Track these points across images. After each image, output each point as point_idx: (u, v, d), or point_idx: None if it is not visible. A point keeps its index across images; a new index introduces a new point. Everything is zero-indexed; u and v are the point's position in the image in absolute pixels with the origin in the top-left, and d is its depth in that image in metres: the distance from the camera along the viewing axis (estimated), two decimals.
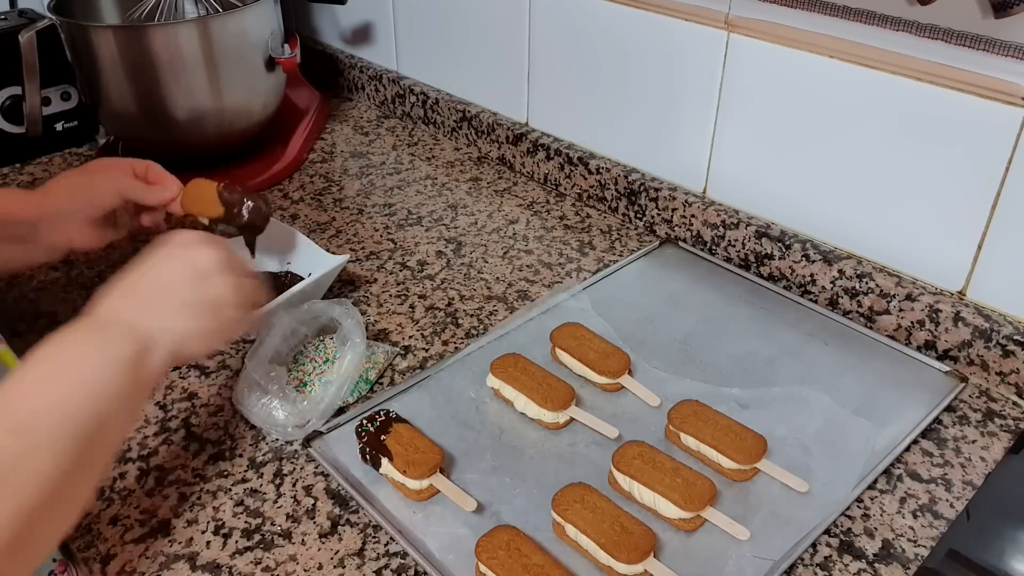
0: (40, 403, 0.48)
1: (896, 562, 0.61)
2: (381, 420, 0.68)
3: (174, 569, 0.61)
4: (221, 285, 0.60)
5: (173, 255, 0.60)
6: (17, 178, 1.15)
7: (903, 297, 0.80)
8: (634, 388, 0.75)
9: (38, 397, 0.48)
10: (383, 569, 0.61)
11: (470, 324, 0.86)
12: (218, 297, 0.59)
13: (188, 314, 0.58)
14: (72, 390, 0.50)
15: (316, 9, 1.44)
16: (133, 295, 0.57)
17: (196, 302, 0.58)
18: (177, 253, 0.60)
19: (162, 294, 0.58)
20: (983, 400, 0.76)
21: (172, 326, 0.56)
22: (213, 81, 1.03)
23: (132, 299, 0.57)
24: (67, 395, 0.49)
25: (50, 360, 0.51)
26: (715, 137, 0.93)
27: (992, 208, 0.74)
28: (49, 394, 0.49)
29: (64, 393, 0.49)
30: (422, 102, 1.26)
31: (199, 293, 0.59)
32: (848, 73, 0.79)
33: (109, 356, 0.52)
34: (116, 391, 0.51)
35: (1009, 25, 0.68)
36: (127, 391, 0.52)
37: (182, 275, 0.59)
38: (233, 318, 0.61)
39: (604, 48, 0.99)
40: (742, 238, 0.92)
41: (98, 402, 0.50)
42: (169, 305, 0.57)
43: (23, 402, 0.48)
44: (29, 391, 0.49)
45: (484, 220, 1.04)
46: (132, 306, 0.56)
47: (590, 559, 0.60)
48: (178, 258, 0.60)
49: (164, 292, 0.58)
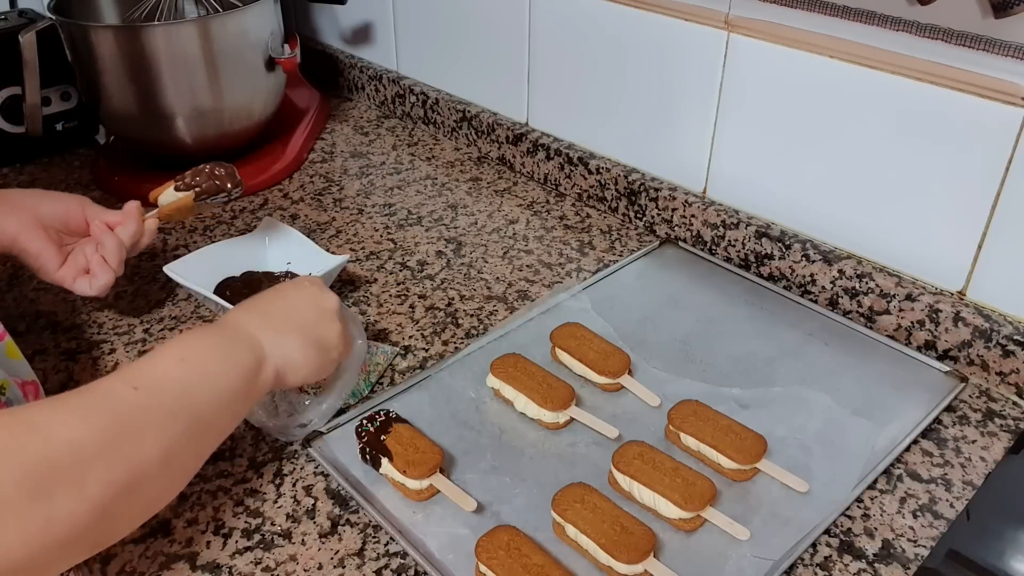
0: (167, 376, 0.53)
1: (896, 562, 0.61)
2: (381, 420, 0.68)
3: (174, 569, 0.61)
4: (335, 330, 0.65)
5: (305, 290, 0.66)
6: (17, 178, 1.15)
7: (903, 297, 0.80)
8: (634, 388, 0.75)
9: (166, 370, 0.53)
10: (383, 569, 0.61)
11: (470, 324, 0.86)
12: (330, 339, 0.65)
13: (303, 345, 0.63)
14: (196, 375, 0.54)
15: (316, 9, 1.44)
16: (262, 314, 0.63)
17: (313, 337, 0.63)
18: (308, 290, 0.67)
19: (288, 321, 0.63)
20: (983, 400, 0.76)
21: (287, 350, 0.61)
22: (213, 81, 1.04)
23: (261, 317, 0.62)
24: (191, 378, 0.54)
25: (182, 347, 0.56)
26: (715, 137, 0.93)
27: (992, 208, 0.74)
28: (176, 371, 0.54)
29: (189, 375, 0.54)
30: (422, 102, 1.26)
31: (318, 330, 0.64)
32: (848, 73, 0.79)
33: (232, 358, 0.57)
34: (232, 390, 0.56)
35: (1009, 25, 0.68)
36: (240, 394, 0.57)
37: (308, 310, 0.65)
38: (332, 361, 0.66)
39: (604, 48, 0.99)
40: (742, 238, 0.92)
41: (215, 394, 0.55)
42: (291, 331, 0.62)
43: (152, 370, 0.53)
44: (160, 364, 0.54)
45: (484, 220, 1.04)
46: (260, 323, 0.61)
47: (590, 559, 0.60)
48: (308, 294, 0.66)
49: (290, 319, 0.63)
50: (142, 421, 0.49)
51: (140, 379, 0.51)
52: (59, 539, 0.44)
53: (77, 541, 0.45)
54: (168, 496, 0.53)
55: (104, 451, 0.46)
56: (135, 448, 0.48)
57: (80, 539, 0.45)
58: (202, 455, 0.55)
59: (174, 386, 0.53)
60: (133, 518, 0.50)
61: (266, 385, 0.60)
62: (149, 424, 0.49)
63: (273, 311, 0.64)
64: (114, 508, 0.47)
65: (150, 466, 0.49)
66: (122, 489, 0.47)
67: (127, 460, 0.47)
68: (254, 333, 0.60)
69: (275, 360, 0.60)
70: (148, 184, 0.86)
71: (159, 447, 0.49)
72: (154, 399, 0.51)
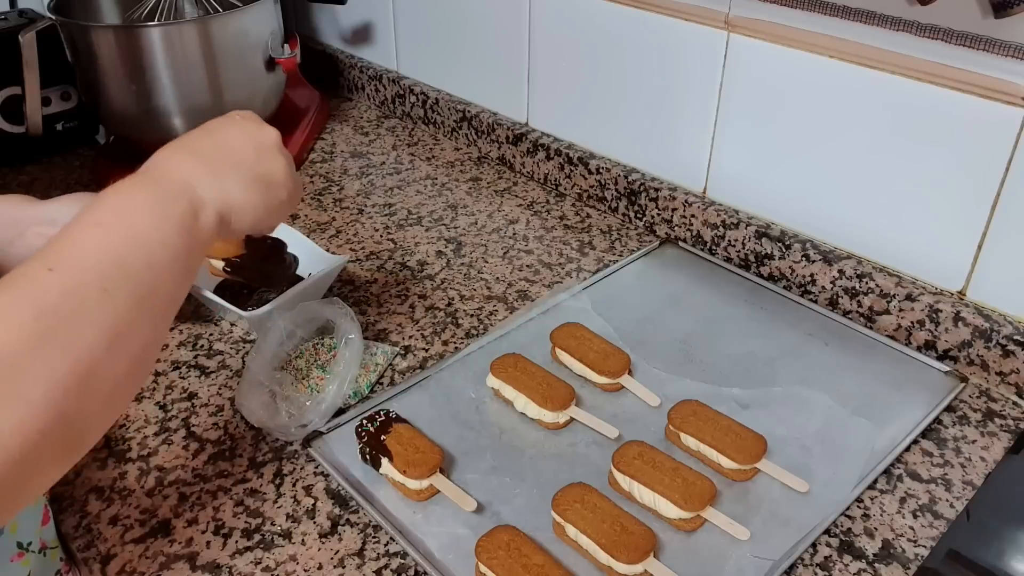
0: (87, 246, 0.46)
1: (896, 562, 0.61)
2: (381, 420, 0.68)
3: (174, 569, 0.61)
4: (278, 164, 0.60)
5: (238, 125, 0.59)
6: (17, 178, 1.15)
7: (903, 297, 0.80)
8: (634, 388, 0.75)
9: (84, 240, 0.47)
10: (383, 569, 0.61)
11: (470, 324, 0.86)
12: (273, 174, 0.59)
13: (243, 183, 0.57)
14: (121, 238, 0.48)
15: (316, 9, 1.44)
16: (191, 154, 0.56)
17: (254, 174, 0.58)
18: (242, 124, 0.59)
19: (221, 158, 0.56)
20: (983, 400, 0.76)
21: (226, 190, 0.55)
22: (213, 81, 1.04)
23: (189, 158, 0.55)
24: (116, 242, 0.47)
25: (100, 210, 0.49)
26: (715, 137, 0.93)
27: (992, 208, 0.74)
28: (96, 238, 0.47)
29: (113, 240, 0.48)
30: (422, 102, 1.26)
31: (258, 166, 0.58)
32: (848, 73, 0.79)
33: (160, 209, 0.51)
34: (169, 244, 0.50)
35: (1009, 25, 0.68)
36: (182, 248, 0.51)
37: (244, 145, 0.58)
38: (281, 201, 0.60)
39: (604, 48, 0.99)
40: (742, 238, 0.92)
41: (150, 254, 0.49)
42: (227, 170, 0.56)
43: (69, 245, 0.46)
44: (76, 235, 0.47)
45: (484, 220, 1.04)
46: (189, 164, 0.55)
47: (590, 559, 0.60)
48: (242, 129, 0.59)
49: (224, 157, 0.57)
50: (72, 304, 0.44)
51: (56, 258, 0.45)
52: (16, 455, 0.40)
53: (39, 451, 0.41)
54: (136, 378, 0.49)
55: (35, 348, 0.41)
56: (71, 336, 0.43)
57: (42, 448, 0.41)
58: (158, 325, 0.50)
59: (99, 256, 0.46)
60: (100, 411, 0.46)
61: (209, 232, 0.54)
62: (80, 306, 0.44)
63: (203, 148, 0.57)
64: (69, 405, 0.42)
65: (97, 350, 0.44)
66: (71, 383, 0.42)
67: (66, 351, 0.42)
68: (183, 177, 0.53)
69: (214, 204, 0.54)
70: None
71: (100, 328, 0.44)
72: (77, 277, 0.45)
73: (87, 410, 0.44)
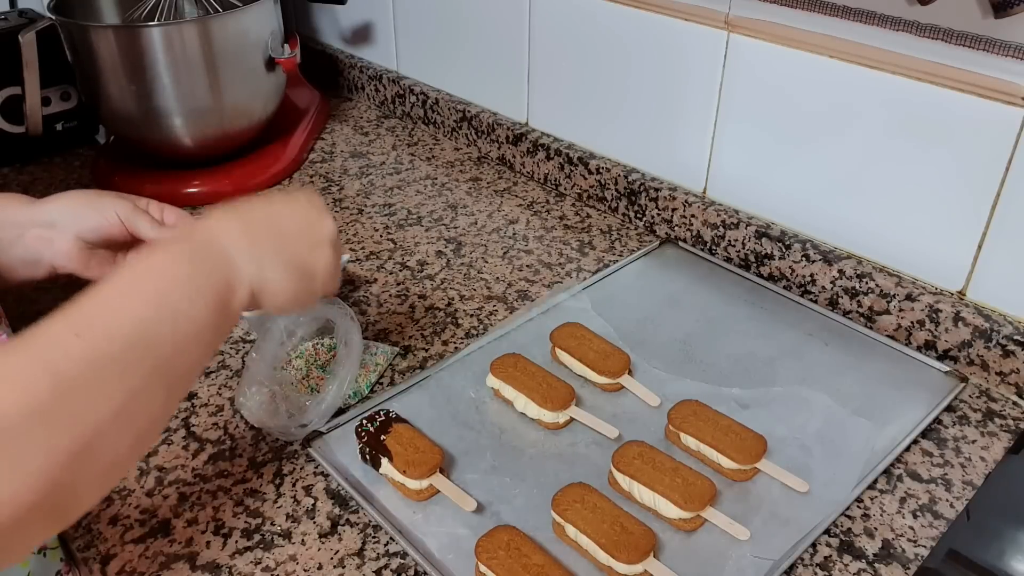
0: (117, 315, 0.45)
1: (896, 562, 0.61)
2: (381, 420, 0.68)
3: (174, 569, 0.61)
4: (324, 259, 0.58)
5: (298, 205, 0.58)
6: (17, 178, 1.15)
7: (903, 297, 0.80)
8: (634, 388, 0.75)
9: (117, 312, 0.45)
10: (383, 569, 0.61)
11: (470, 324, 0.86)
12: (317, 268, 0.58)
13: (284, 268, 0.55)
14: (154, 309, 0.46)
15: (316, 9, 1.44)
16: (242, 224, 0.54)
17: (297, 262, 0.56)
18: (303, 209, 0.58)
19: (272, 238, 0.55)
20: (983, 400, 0.76)
21: (265, 270, 0.54)
22: (213, 81, 1.04)
23: (239, 227, 0.53)
24: (147, 313, 0.46)
25: (138, 275, 0.48)
26: (715, 137, 0.93)
27: (992, 208, 0.74)
28: (128, 309, 0.46)
29: (144, 310, 0.46)
30: (422, 102, 1.26)
31: (304, 255, 0.57)
32: (848, 73, 0.79)
33: (198, 280, 0.49)
34: (199, 321, 0.48)
35: (1009, 25, 0.68)
36: (210, 323, 0.49)
37: (300, 231, 0.57)
38: (313, 291, 0.59)
39: (604, 48, 0.99)
40: (742, 238, 0.92)
41: (179, 329, 0.47)
42: (271, 250, 0.54)
43: (100, 311, 0.45)
44: (109, 301, 0.46)
45: (484, 220, 1.04)
46: (236, 234, 0.53)
47: (590, 559, 0.60)
48: (302, 211, 0.57)
49: (273, 236, 0.55)
50: (89, 375, 0.42)
51: (84, 324, 0.44)
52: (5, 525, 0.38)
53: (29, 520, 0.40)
54: (137, 451, 0.47)
55: (41, 417, 0.40)
56: (83, 408, 0.41)
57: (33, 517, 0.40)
58: (170, 399, 0.48)
59: (127, 327, 0.44)
60: (95, 482, 0.44)
61: (240, 309, 0.52)
62: (96, 378, 0.42)
63: (255, 220, 0.55)
64: (64, 477, 0.40)
65: (104, 424, 0.42)
66: (72, 455, 0.41)
67: (73, 423, 0.41)
68: (227, 245, 0.52)
69: (250, 281, 0.52)
70: (148, 184, 0.86)
71: (113, 402, 0.43)
72: (102, 347, 0.43)
73: (82, 482, 0.43)
